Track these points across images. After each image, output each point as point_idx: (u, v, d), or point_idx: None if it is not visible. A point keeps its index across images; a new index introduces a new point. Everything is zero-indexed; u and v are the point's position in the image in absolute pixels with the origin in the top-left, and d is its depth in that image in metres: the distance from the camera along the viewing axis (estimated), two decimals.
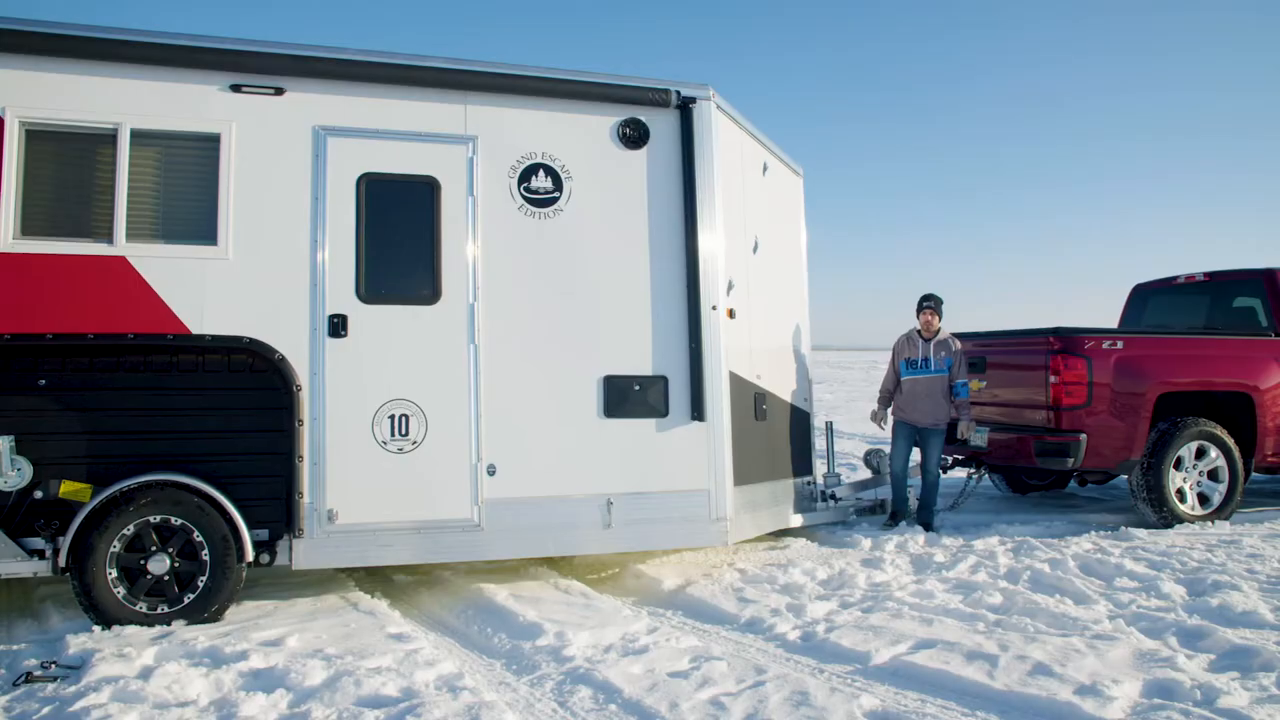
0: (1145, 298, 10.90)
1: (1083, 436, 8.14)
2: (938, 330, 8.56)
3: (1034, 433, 8.45)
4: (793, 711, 4.23)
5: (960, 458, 9.62)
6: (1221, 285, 10.00)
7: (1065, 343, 8.29)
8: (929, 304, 8.59)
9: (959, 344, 8.57)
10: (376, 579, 6.88)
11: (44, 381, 5.62)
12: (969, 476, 9.64)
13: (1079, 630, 5.28)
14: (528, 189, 6.42)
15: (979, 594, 6.05)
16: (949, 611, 5.73)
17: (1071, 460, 8.19)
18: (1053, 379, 8.24)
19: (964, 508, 9.41)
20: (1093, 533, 7.96)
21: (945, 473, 10.00)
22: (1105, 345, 8.31)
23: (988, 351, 9.17)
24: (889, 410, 8.94)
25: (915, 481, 9.18)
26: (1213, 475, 8.58)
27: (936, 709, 4.30)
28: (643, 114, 6.69)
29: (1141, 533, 7.84)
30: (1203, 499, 8.56)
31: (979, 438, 8.90)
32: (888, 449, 8.87)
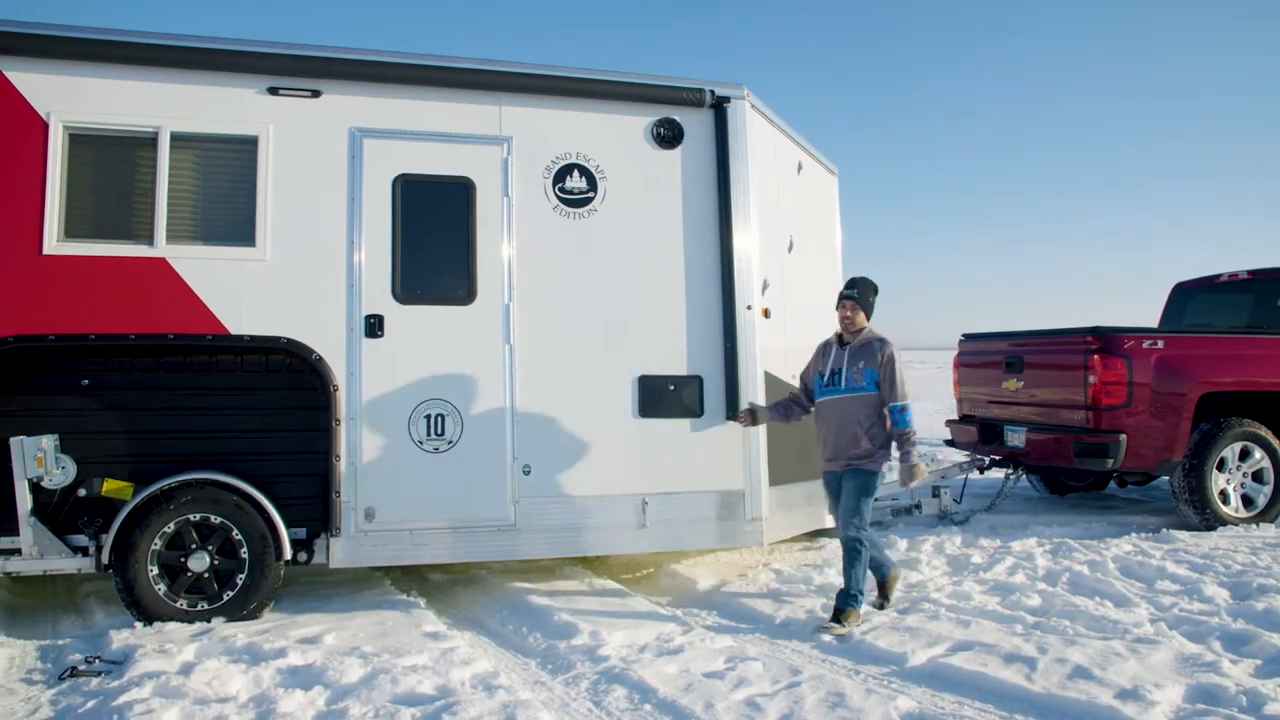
0: (1186, 297, 10.72)
1: (1122, 437, 8.03)
2: (860, 330, 5.94)
3: (1072, 433, 8.33)
4: (828, 713, 4.21)
5: (997, 458, 9.52)
6: (1265, 283, 9.80)
7: (1104, 342, 8.17)
8: (850, 294, 5.95)
9: (891, 348, 5.77)
10: (413, 578, 6.92)
11: (87, 381, 5.73)
12: (1006, 477, 9.54)
13: (1119, 633, 5.21)
14: (562, 189, 6.43)
15: (1017, 596, 5.99)
16: (986, 613, 5.68)
17: (1111, 461, 8.08)
18: (1092, 379, 8.13)
19: (1001, 509, 9.31)
20: (1133, 535, 7.86)
21: (981, 473, 9.87)
22: (1145, 345, 8.18)
23: (1025, 351, 9.07)
24: (759, 413, 6.35)
25: (951, 482, 9.04)
26: (1257, 477, 8.43)
27: (974, 711, 4.26)
28: (677, 114, 6.67)
29: (1183, 535, 7.72)
30: (1247, 501, 8.41)
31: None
32: (928, 448, 8.54)
